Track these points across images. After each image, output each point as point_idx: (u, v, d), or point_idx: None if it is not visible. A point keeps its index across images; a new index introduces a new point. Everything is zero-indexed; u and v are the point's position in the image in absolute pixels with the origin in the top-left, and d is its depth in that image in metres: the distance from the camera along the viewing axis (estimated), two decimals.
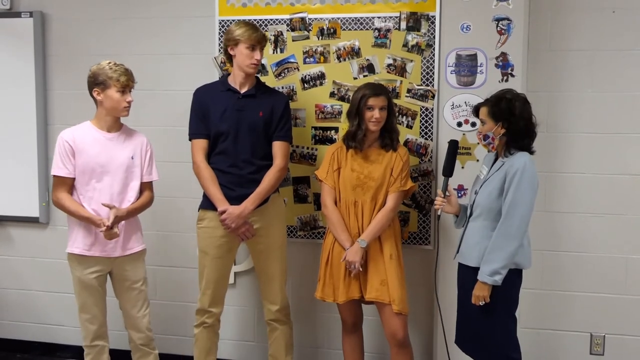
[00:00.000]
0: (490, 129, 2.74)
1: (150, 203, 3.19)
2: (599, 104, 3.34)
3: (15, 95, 3.94)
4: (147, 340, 3.21)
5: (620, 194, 3.36)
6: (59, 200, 3.04)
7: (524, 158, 2.69)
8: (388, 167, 3.08)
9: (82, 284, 3.07)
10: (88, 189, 3.03)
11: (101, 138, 3.06)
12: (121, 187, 3.06)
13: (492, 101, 2.75)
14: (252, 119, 3.17)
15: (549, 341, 3.49)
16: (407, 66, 3.45)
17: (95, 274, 3.06)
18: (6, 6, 3.92)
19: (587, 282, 3.43)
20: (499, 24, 3.14)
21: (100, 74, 2.99)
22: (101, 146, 3.05)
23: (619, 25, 3.29)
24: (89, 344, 3.16)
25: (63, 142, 3.03)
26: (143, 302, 3.18)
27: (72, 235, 3.08)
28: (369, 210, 3.07)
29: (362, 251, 3.01)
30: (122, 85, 2.99)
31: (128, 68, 3.06)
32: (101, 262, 3.06)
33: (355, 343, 3.29)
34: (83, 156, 3.02)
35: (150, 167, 3.17)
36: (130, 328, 3.20)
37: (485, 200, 2.75)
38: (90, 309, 3.10)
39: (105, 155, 3.04)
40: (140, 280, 3.17)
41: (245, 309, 3.83)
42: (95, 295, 3.09)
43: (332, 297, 3.12)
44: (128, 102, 3.03)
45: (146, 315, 3.19)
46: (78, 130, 3.07)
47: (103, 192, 3.03)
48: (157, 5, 3.77)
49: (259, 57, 3.10)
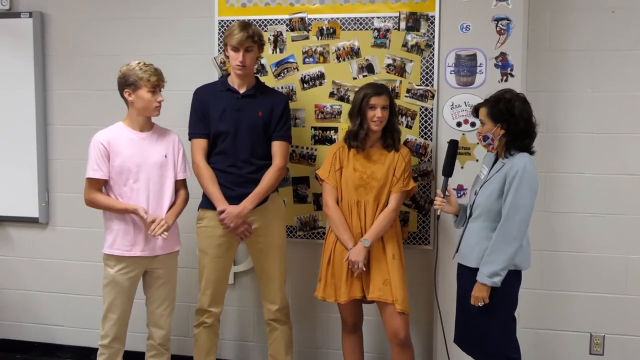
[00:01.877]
0: (489, 130, 2.73)
1: (187, 200, 3.21)
2: (599, 104, 3.34)
3: (15, 96, 3.94)
4: (164, 340, 3.23)
5: (620, 194, 3.36)
6: (92, 199, 3.05)
7: (524, 159, 2.67)
8: (391, 167, 3.08)
9: (115, 282, 3.07)
10: (126, 190, 3.05)
11: (135, 138, 3.08)
12: (158, 186, 3.09)
13: (491, 102, 2.73)
14: (251, 119, 3.17)
15: (549, 341, 3.49)
16: (406, 66, 3.45)
17: (130, 274, 3.07)
18: (6, 6, 3.92)
19: (587, 282, 3.43)
20: (499, 24, 3.14)
21: (130, 75, 3.01)
22: (135, 146, 3.07)
23: (619, 25, 3.29)
24: (106, 343, 3.14)
25: (98, 144, 3.04)
26: (170, 302, 3.21)
27: (110, 236, 3.08)
28: (371, 210, 3.07)
29: (365, 251, 3.01)
30: (153, 85, 3.00)
31: (157, 68, 3.07)
32: (139, 261, 3.07)
33: (355, 343, 3.29)
34: (119, 157, 3.04)
35: (183, 164, 3.18)
36: (152, 325, 3.21)
37: (485, 201, 2.75)
38: (116, 309, 3.10)
39: (140, 155, 3.06)
40: (172, 279, 3.20)
41: (244, 309, 3.83)
42: (124, 296, 3.09)
43: (333, 297, 3.12)
44: (159, 102, 3.05)
45: (170, 314, 3.22)
46: (111, 132, 3.09)
47: (141, 191, 3.05)
48: (157, 5, 3.77)
49: (241, 58, 3.08)
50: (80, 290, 3.99)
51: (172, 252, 3.17)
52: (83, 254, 3.93)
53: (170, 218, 3.08)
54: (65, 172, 3.94)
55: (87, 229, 3.87)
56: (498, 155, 2.82)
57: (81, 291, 3.99)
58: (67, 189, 3.93)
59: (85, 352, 3.98)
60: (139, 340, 3.35)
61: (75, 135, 3.86)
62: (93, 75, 3.87)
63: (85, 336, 3.99)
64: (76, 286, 4.01)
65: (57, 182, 3.99)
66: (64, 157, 3.96)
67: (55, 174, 3.99)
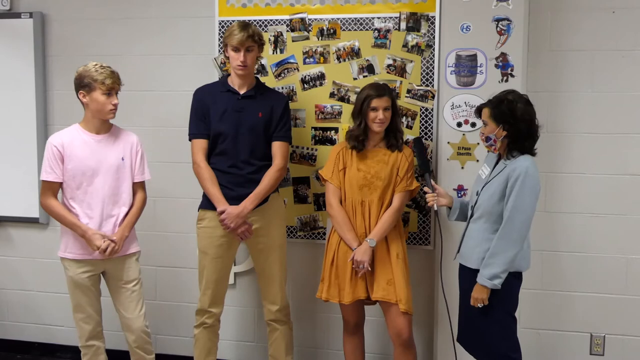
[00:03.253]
0: (492, 131, 2.72)
1: (144, 203, 3.18)
2: (599, 104, 3.34)
3: (15, 96, 3.94)
4: (141, 343, 3.17)
5: (620, 194, 3.36)
6: (48, 205, 3.04)
7: (527, 162, 2.66)
8: (394, 167, 3.08)
9: (75, 283, 3.07)
10: (79, 193, 3.02)
11: (90, 141, 3.04)
12: (113, 189, 3.05)
13: (494, 103, 2.72)
14: (251, 120, 3.17)
15: (549, 341, 3.49)
16: (407, 66, 3.45)
17: (87, 273, 3.06)
18: (6, 7, 3.92)
19: (587, 282, 3.43)
20: (499, 24, 3.14)
21: (85, 76, 2.96)
22: (90, 149, 3.03)
23: (619, 26, 3.29)
24: (84, 343, 3.16)
25: (51, 147, 3.01)
26: (137, 303, 3.15)
27: (63, 239, 3.08)
28: (376, 210, 3.06)
29: (370, 251, 3.00)
30: (108, 87, 2.95)
31: (115, 70, 3.02)
32: (93, 263, 3.06)
33: (357, 344, 3.28)
34: (73, 160, 3.00)
35: (141, 167, 3.15)
36: (124, 329, 3.19)
37: (486, 202, 2.74)
38: (84, 308, 3.10)
39: (95, 158, 3.02)
40: (133, 280, 3.14)
41: (245, 309, 3.83)
42: (88, 295, 3.09)
43: (337, 297, 3.10)
44: (114, 105, 3.00)
45: (141, 316, 3.15)
46: (66, 135, 3.05)
47: (95, 194, 3.02)
48: (156, 5, 3.77)
49: (242, 58, 3.08)
50: None
51: (127, 254, 3.12)
52: None
53: (126, 230, 3.06)
54: None
55: None
56: (500, 156, 2.82)
57: None
58: None
59: None
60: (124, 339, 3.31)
61: None
62: None
63: None
64: None
65: None
66: None
67: None
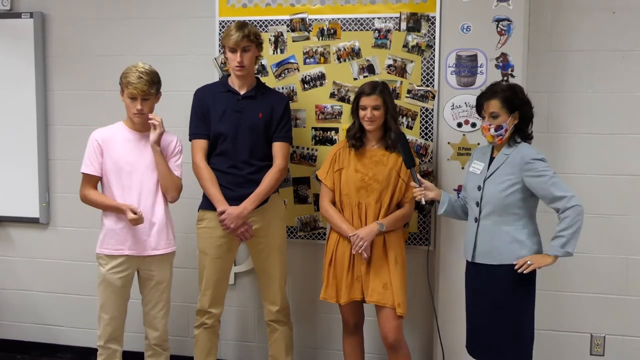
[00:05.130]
0: (504, 120, 2.73)
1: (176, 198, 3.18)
2: (599, 104, 3.34)
3: (16, 96, 3.93)
4: (161, 340, 3.22)
5: (620, 194, 3.36)
6: (85, 195, 3.09)
7: (530, 149, 2.74)
8: (393, 168, 3.06)
9: (106, 282, 3.07)
10: (118, 187, 3.06)
11: (131, 137, 3.09)
12: (151, 186, 3.08)
13: (505, 92, 2.75)
14: (251, 121, 3.17)
15: (549, 341, 3.49)
16: (407, 67, 3.45)
17: (121, 273, 3.07)
18: (6, 7, 3.92)
19: (587, 282, 3.43)
20: (499, 25, 3.14)
21: (122, 75, 3.03)
22: (130, 145, 3.08)
23: (619, 26, 3.29)
24: (102, 344, 3.15)
25: (93, 141, 3.08)
26: (164, 304, 3.19)
27: (101, 234, 3.11)
28: (373, 212, 3.04)
29: (375, 234, 2.98)
30: (131, 93, 2.99)
31: (151, 78, 3.00)
32: (129, 260, 3.07)
33: (356, 344, 3.28)
34: (112, 155, 3.06)
35: (174, 167, 3.14)
36: (147, 326, 3.21)
37: (496, 196, 2.72)
38: (109, 309, 3.10)
39: (134, 154, 3.07)
40: (165, 282, 3.18)
41: (245, 309, 3.83)
42: (117, 295, 3.09)
43: (335, 297, 3.10)
44: (137, 110, 3.01)
45: (165, 316, 3.21)
46: (109, 130, 3.12)
47: (132, 190, 3.06)
48: (157, 5, 3.77)
49: (239, 59, 3.08)
50: (80, 290, 3.99)
51: (164, 253, 3.14)
52: (83, 254, 3.92)
53: None
54: (66, 173, 3.93)
55: (88, 229, 3.86)
56: (494, 149, 2.82)
57: (81, 291, 3.99)
58: (68, 190, 3.92)
59: (85, 352, 3.98)
60: (139, 340, 3.35)
61: (76, 135, 3.85)
62: (94, 76, 3.87)
63: (85, 336, 3.98)
64: (76, 286, 4.00)
65: (58, 183, 3.99)
66: (65, 158, 3.96)
67: (56, 175, 3.99)
